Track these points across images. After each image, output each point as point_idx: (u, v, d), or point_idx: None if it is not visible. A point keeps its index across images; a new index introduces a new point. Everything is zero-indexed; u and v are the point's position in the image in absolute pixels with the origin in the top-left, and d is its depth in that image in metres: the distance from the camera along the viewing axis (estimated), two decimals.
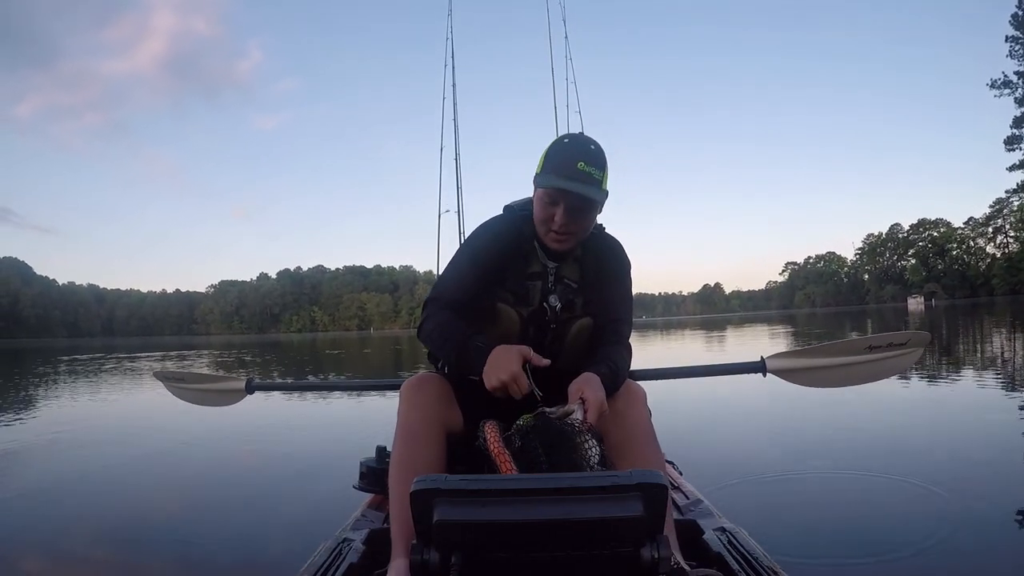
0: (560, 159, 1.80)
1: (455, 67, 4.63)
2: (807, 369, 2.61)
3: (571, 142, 1.87)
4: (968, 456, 4.20)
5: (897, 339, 2.58)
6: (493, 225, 2.02)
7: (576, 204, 1.81)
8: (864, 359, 2.58)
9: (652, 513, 1.15)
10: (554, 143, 1.88)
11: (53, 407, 9.08)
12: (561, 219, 1.82)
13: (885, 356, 2.58)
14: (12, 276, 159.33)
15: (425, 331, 1.90)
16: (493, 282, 1.96)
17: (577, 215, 1.83)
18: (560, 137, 1.91)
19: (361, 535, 1.86)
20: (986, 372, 8.80)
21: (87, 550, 2.89)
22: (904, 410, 6.08)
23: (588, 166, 1.78)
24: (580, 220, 1.85)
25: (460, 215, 4.23)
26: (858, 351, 2.59)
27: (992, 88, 63.85)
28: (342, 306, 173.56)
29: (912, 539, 2.73)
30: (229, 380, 3.10)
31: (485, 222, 2.05)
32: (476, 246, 1.98)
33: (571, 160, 1.78)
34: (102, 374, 15.92)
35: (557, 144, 1.87)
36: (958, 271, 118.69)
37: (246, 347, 37.28)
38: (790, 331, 26.82)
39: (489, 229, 2.00)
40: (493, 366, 1.67)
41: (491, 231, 1.99)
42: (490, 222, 2.04)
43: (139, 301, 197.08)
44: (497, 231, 1.98)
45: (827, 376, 2.61)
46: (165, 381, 3.24)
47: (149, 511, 3.39)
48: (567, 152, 1.81)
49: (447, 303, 1.91)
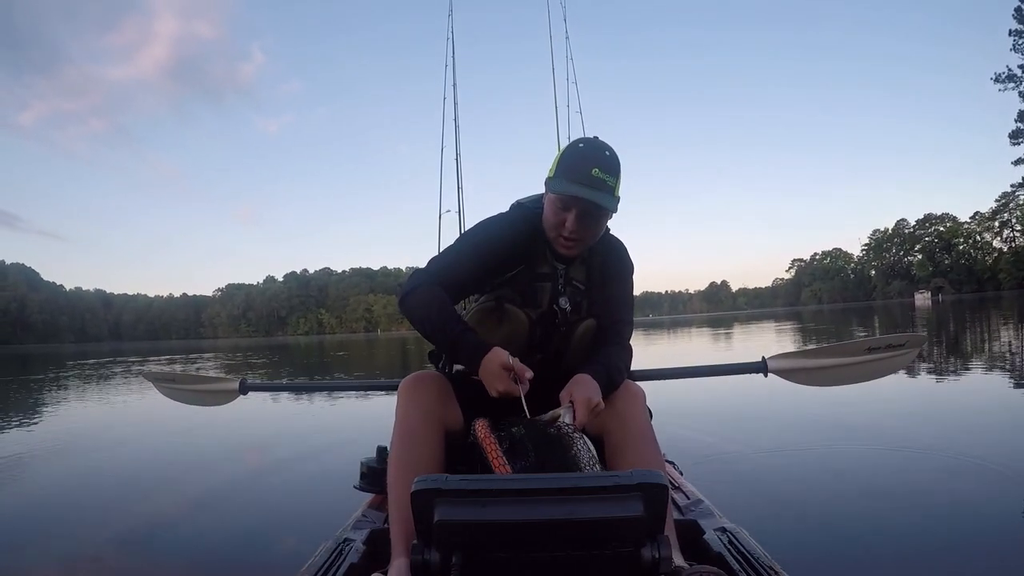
0: (574, 164, 1.80)
1: (456, 67, 4.63)
2: (808, 369, 2.62)
3: (586, 147, 1.84)
4: (970, 457, 4.18)
5: (895, 341, 2.62)
6: (501, 220, 1.99)
7: (588, 211, 1.80)
8: (863, 359, 2.61)
9: (652, 513, 1.16)
10: (569, 147, 1.87)
11: (59, 411, 9.10)
12: (572, 225, 1.82)
13: (883, 357, 2.60)
14: (19, 282, 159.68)
15: (411, 302, 1.81)
16: (497, 279, 1.95)
17: (589, 222, 1.83)
18: (575, 141, 1.90)
19: (361, 535, 1.86)
20: (993, 369, 8.76)
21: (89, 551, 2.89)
22: (905, 410, 6.06)
23: (602, 172, 1.77)
24: (591, 227, 1.86)
25: (461, 215, 4.24)
26: (857, 352, 2.61)
27: (996, 83, 63.41)
28: (349, 308, 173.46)
29: (913, 539, 2.73)
30: (222, 381, 3.10)
31: (492, 216, 2.02)
32: (480, 236, 1.95)
33: (585, 166, 1.77)
34: (111, 378, 15.95)
35: (572, 148, 1.85)
36: (965, 266, 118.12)
37: (253, 350, 37.31)
38: (797, 327, 26.76)
39: (496, 224, 1.98)
40: (487, 378, 1.68)
41: (498, 226, 1.97)
42: (498, 217, 2.01)
43: (146, 305, 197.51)
44: (504, 227, 1.96)
45: (827, 376, 2.63)
46: (155, 382, 3.23)
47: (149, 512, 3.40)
48: (582, 157, 1.80)
49: (439, 280, 1.83)
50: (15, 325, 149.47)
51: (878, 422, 5.42)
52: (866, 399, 5.95)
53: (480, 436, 1.59)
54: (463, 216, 4.23)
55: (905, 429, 5.18)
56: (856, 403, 5.93)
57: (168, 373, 3.23)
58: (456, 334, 1.72)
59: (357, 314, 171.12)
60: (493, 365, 1.66)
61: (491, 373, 1.67)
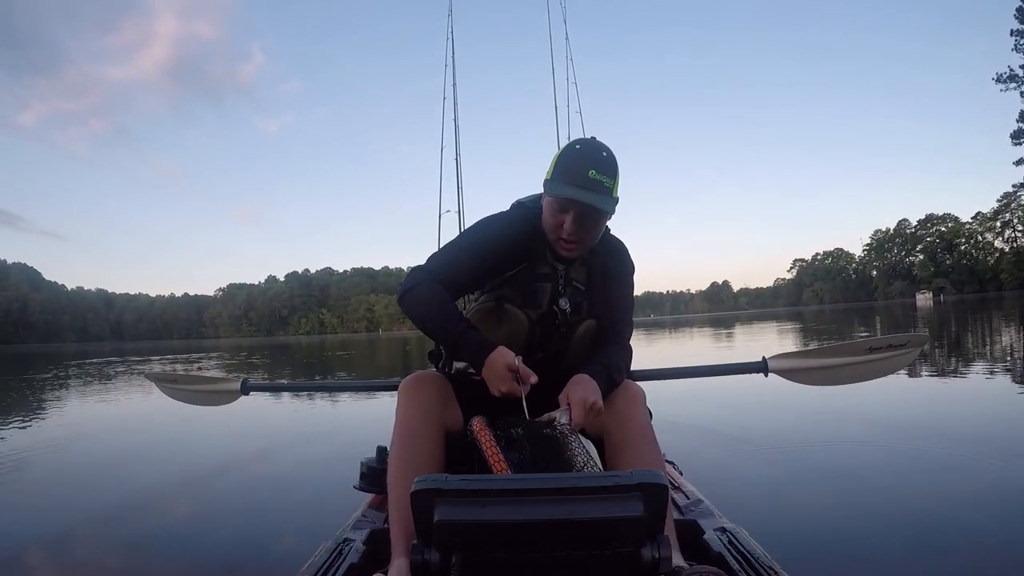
0: (571, 166, 1.79)
1: (456, 67, 4.63)
2: (808, 369, 2.61)
3: (583, 148, 1.83)
4: (971, 457, 4.18)
5: (896, 340, 2.60)
6: (501, 219, 1.98)
7: (586, 213, 1.79)
8: (864, 359, 2.59)
9: (652, 513, 1.16)
10: (565, 148, 1.85)
11: (60, 410, 9.10)
12: (570, 227, 1.80)
13: (884, 356, 2.59)
14: (21, 281, 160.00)
15: (411, 300, 1.80)
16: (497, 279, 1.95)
17: (587, 224, 1.82)
18: (572, 143, 1.88)
19: (361, 535, 1.86)
20: (995, 369, 8.75)
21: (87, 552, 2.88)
22: (906, 411, 6.06)
23: (599, 174, 1.76)
24: (590, 229, 1.84)
25: (461, 215, 4.23)
26: (858, 352, 2.60)
27: (998, 83, 63.13)
28: (350, 308, 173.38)
29: (913, 539, 2.73)
30: (224, 381, 3.09)
31: (493, 215, 2.01)
32: (479, 234, 1.94)
33: (582, 168, 1.76)
34: (113, 377, 15.95)
35: (568, 150, 1.84)
36: (966, 266, 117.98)
37: (254, 349, 37.33)
38: (799, 328, 26.74)
39: (496, 222, 1.97)
40: (490, 377, 1.67)
41: (498, 224, 1.96)
42: (498, 216, 2.00)
43: (147, 305, 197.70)
44: (504, 225, 1.94)
45: (828, 375, 2.62)
46: (157, 382, 3.22)
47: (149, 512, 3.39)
48: (579, 159, 1.79)
49: (438, 278, 1.82)
50: (17, 325, 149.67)
51: (878, 422, 5.41)
52: (866, 399, 5.96)
53: (477, 432, 1.59)
54: (463, 216, 4.22)
55: (906, 429, 5.17)
56: (856, 403, 5.93)
57: (170, 374, 3.23)
58: (458, 332, 1.72)
59: (359, 314, 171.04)
60: (498, 365, 1.66)
61: (495, 373, 1.66)
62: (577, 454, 1.51)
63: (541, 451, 1.52)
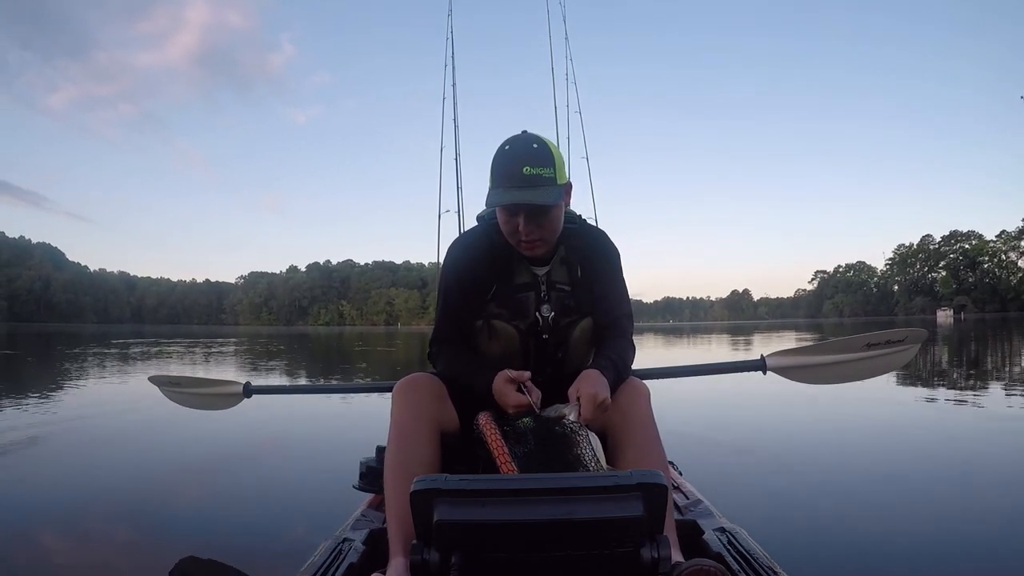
0: (505, 168, 1.74)
1: (455, 67, 4.67)
2: (807, 367, 2.60)
3: (512, 147, 1.78)
4: (972, 456, 4.17)
5: (894, 336, 2.57)
6: (465, 241, 2.00)
7: (533, 211, 1.76)
8: (862, 356, 2.57)
9: (652, 513, 1.17)
10: (497, 152, 1.80)
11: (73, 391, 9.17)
12: (525, 229, 1.77)
13: (883, 353, 2.57)
14: (44, 261, 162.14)
15: (440, 366, 1.95)
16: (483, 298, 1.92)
17: (540, 220, 1.78)
18: (502, 144, 1.81)
19: (361, 535, 1.85)
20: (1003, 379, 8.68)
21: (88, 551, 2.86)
22: (907, 411, 6.04)
23: (534, 168, 1.72)
24: (545, 224, 1.80)
25: (460, 215, 4.24)
26: (856, 349, 2.57)
27: None
28: (370, 301, 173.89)
29: (913, 539, 2.72)
30: (226, 384, 3.07)
31: (457, 239, 2.03)
32: (450, 271, 1.96)
33: (515, 167, 1.72)
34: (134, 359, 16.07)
35: (499, 153, 1.79)
36: (989, 284, 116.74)
37: (274, 338, 37.48)
38: (819, 339, 26.40)
39: (461, 246, 1.98)
40: (500, 400, 1.72)
41: (463, 248, 1.97)
42: (462, 239, 2.02)
43: (168, 289, 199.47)
44: (470, 248, 1.95)
45: (826, 373, 2.60)
46: (160, 386, 3.19)
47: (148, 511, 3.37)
48: (511, 159, 1.74)
49: (445, 337, 1.96)
50: (39, 303, 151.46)
51: (878, 422, 5.40)
52: (868, 400, 5.94)
53: (483, 427, 1.60)
54: (463, 216, 4.23)
55: (906, 429, 5.17)
56: (858, 403, 5.92)
57: (172, 376, 3.15)
58: (481, 382, 1.77)
59: (378, 307, 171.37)
60: (499, 385, 1.71)
61: (501, 394, 1.71)
62: (585, 452, 1.51)
63: (548, 445, 1.53)
